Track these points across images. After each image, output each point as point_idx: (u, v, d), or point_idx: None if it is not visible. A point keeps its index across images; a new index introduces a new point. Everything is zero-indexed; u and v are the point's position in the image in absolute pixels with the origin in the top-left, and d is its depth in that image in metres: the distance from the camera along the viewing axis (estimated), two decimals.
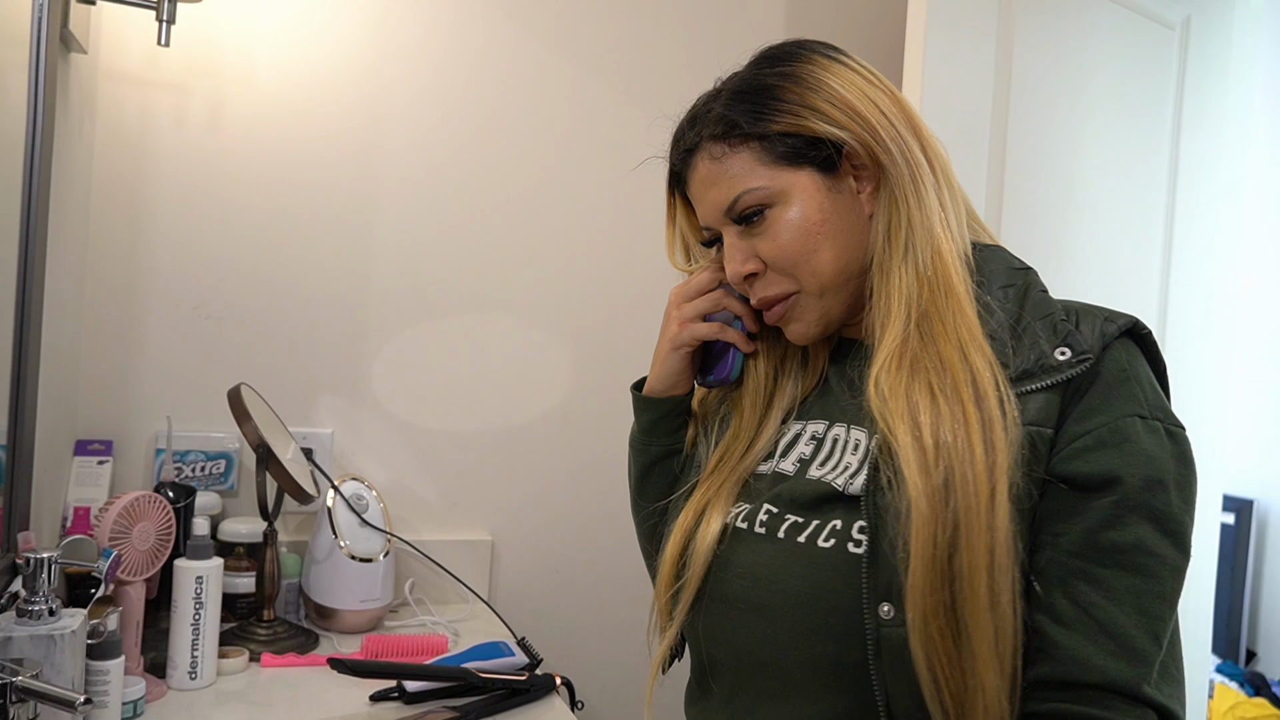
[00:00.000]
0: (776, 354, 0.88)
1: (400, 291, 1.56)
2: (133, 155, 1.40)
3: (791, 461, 0.81)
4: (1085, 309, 0.73)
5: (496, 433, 1.63)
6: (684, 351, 0.91)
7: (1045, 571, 0.67)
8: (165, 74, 1.41)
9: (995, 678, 0.64)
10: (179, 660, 1.13)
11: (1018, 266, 0.77)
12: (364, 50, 1.52)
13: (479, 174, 1.60)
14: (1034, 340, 0.70)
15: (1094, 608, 0.64)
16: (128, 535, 1.09)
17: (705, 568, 0.79)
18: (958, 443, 0.66)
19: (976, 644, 0.64)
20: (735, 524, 0.80)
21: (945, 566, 0.65)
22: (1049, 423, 0.68)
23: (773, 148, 0.77)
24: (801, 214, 0.77)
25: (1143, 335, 0.72)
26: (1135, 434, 0.67)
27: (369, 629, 1.39)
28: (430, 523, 1.59)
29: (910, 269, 0.75)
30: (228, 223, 1.46)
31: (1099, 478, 0.66)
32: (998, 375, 0.69)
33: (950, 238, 0.76)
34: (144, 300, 1.42)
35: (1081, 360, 0.68)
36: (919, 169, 0.76)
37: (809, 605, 0.72)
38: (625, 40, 1.67)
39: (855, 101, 0.77)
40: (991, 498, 0.65)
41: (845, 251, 0.78)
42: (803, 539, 0.75)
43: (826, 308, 0.80)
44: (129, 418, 1.42)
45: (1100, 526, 0.66)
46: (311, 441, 1.50)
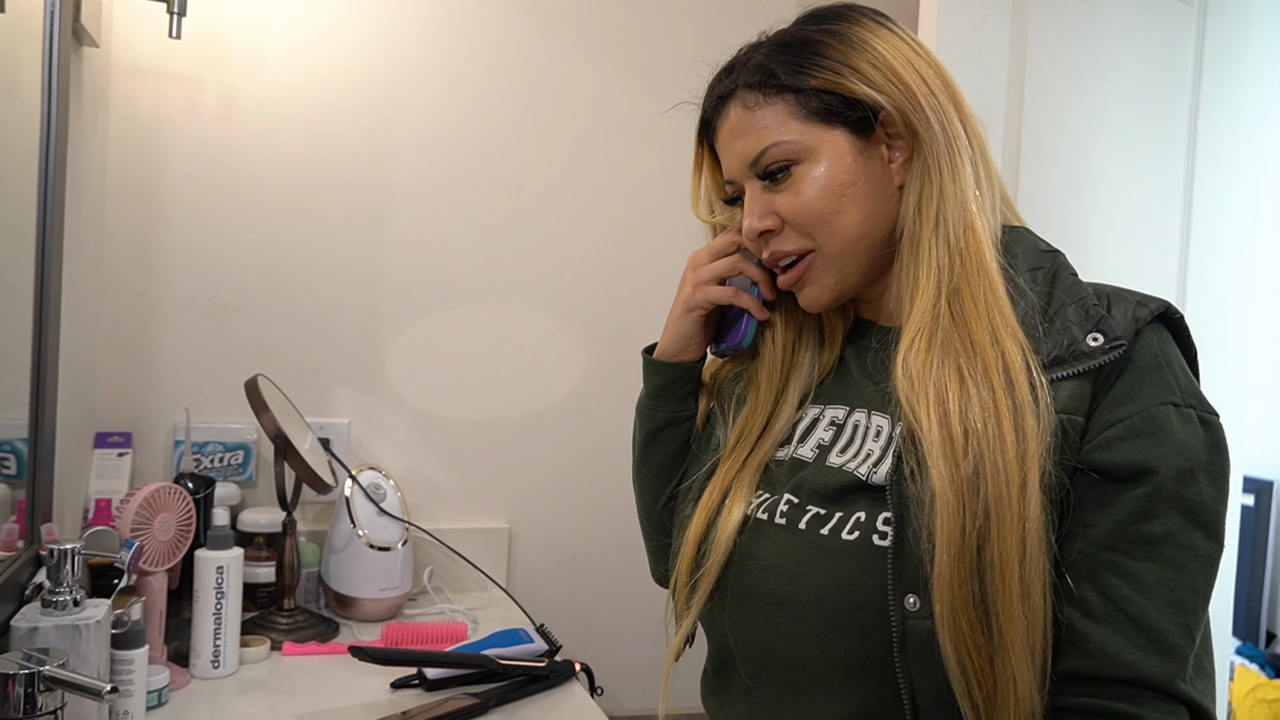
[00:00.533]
0: (794, 328, 0.86)
1: (415, 281, 1.56)
2: (146, 148, 1.41)
3: (810, 447, 0.80)
4: (1117, 293, 0.71)
5: (512, 421, 1.63)
6: (696, 314, 0.89)
7: (1075, 564, 0.66)
8: (177, 66, 1.41)
9: (1027, 670, 0.63)
10: (202, 649, 1.14)
11: (1045, 249, 0.75)
12: (375, 40, 1.52)
13: (492, 162, 1.60)
14: (1065, 325, 0.69)
15: (1125, 601, 0.63)
16: (149, 526, 1.10)
17: (725, 558, 0.78)
18: (988, 430, 0.65)
19: (1009, 637, 0.63)
20: (756, 515, 0.79)
21: (975, 558, 0.64)
22: (1080, 410, 0.67)
23: (807, 102, 0.75)
24: (828, 172, 0.75)
25: (1175, 320, 0.71)
26: (1169, 423, 0.65)
27: (388, 617, 1.40)
28: (447, 511, 1.60)
29: (942, 242, 0.72)
30: (241, 214, 1.46)
31: (1131, 468, 0.65)
32: (1030, 360, 0.67)
33: (984, 216, 0.74)
34: (160, 293, 1.43)
35: (1114, 346, 0.67)
36: (957, 141, 0.74)
37: (834, 600, 0.71)
38: (638, 27, 1.66)
39: (898, 66, 0.74)
40: (1023, 487, 0.64)
41: (869, 218, 0.76)
42: (825, 531, 0.73)
43: (843, 273, 0.78)
44: (147, 410, 1.43)
45: (1132, 518, 0.64)
46: (328, 431, 1.51)
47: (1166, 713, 0.62)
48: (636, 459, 0.97)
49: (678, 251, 1.67)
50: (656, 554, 0.98)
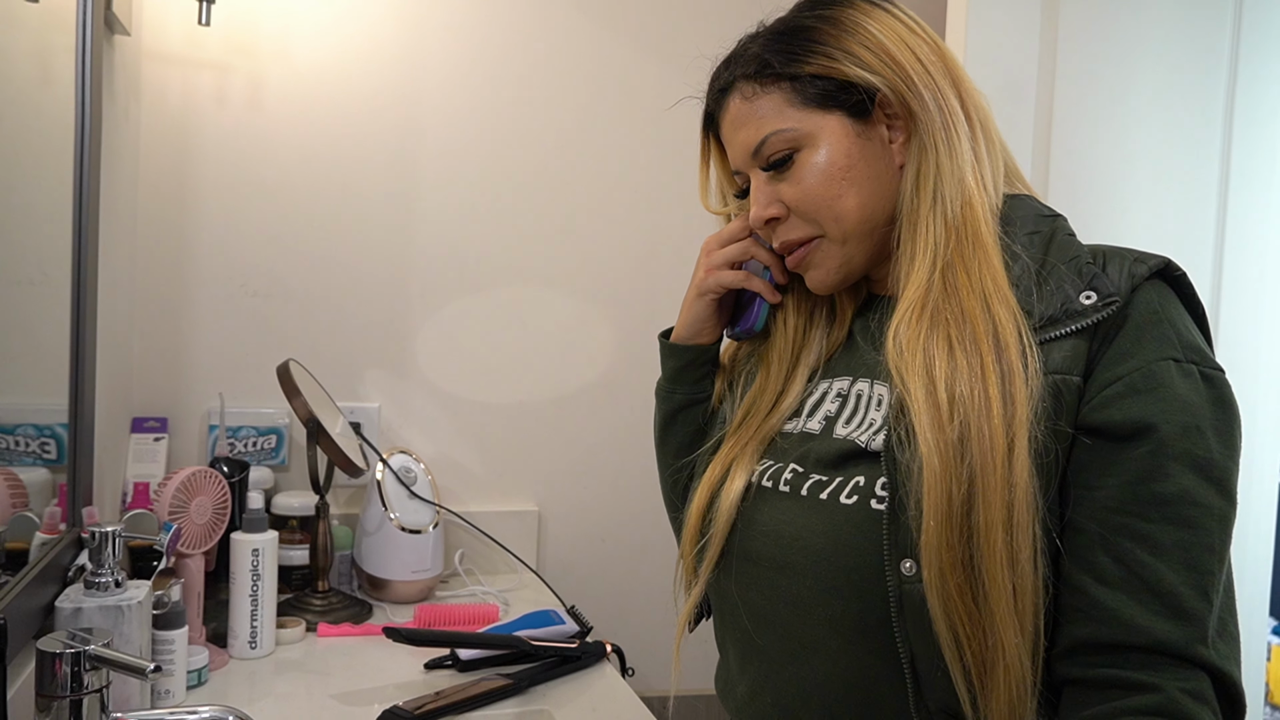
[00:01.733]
0: (805, 309, 0.87)
1: (443, 265, 1.57)
2: (177, 135, 1.42)
3: (818, 420, 0.80)
4: (1114, 251, 0.70)
5: (541, 404, 1.63)
6: (709, 299, 0.90)
7: (1084, 528, 0.64)
8: (206, 53, 1.42)
9: (1014, 635, 0.63)
10: (239, 630, 1.16)
11: (1045, 213, 0.74)
12: (400, 25, 1.52)
13: (518, 146, 1.60)
14: (1059, 284, 0.68)
15: (1139, 565, 0.62)
16: (186, 509, 1.11)
17: (729, 525, 0.79)
18: (975, 396, 0.65)
19: (994, 602, 0.63)
20: (760, 482, 0.79)
21: (962, 522, 0.64)
22: (1076, 369, 0.66)
23: (803, 89, 0.76)
24: (828, 158, 0.76)
25: (1176, 276, 0.69)
26: (1169, 378, 0.64)
27: (420, 599, 1.41)
28: (477, 494, 1.61)
29: (938, 218, 0.73)
30: (271, 200, 1.47)
31: (1132, 425, 0.63)
32: (1021, 326, 0.67)
33: (982, 190, 0.74)
34: (193, 279, 1.45)
35: (1108, 303, 0.66)
36: (953, 117, 0.74)
37: (831, 562, 0.71)
38: (669, 11, 1.65)
39: (891, 47, 0.75)
40: (1009, 452, 0.63)
41: (871, 199, 0.76)
42: (825, 496, 0.74)
43: (849, 256, 0.78)
44: (182, 395, 1.45)
45: (1141, 478, 0.63)
46: (359, 416, 1.52)
47: (1185, 679, 0.60)
48: (657, 441, 0.98)
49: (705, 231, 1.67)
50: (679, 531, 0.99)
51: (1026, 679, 0.64)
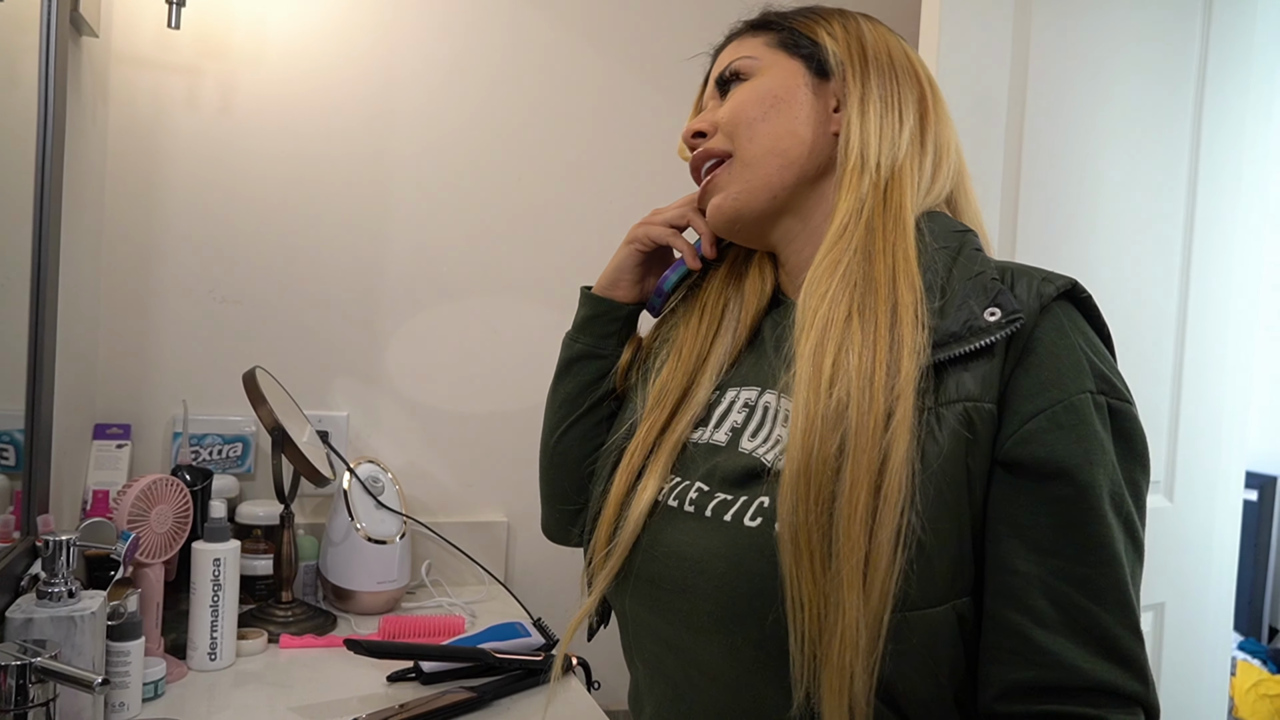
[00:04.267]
0: (724, 297, 0.86)
1: (414, 274, 1.56)
2: (146, 139, 1.41)
3: (724, 431, 0.78)
4: (1022, 270, 0.69)
5: (511, 414, 1.63)
6: (635, 249, 0.91)
7: (1017, 568, 0.63)
8: (177, 56, 1.41)
9: (857, 599, 0.61)
10: (199, 641, 1.14)
11: (956, 229, 0.74)
12: (375, 32, 1.52)
13: (491, 155, 1.59)
14: (963, 300, 0.67)
15: (1079, 611, 0.62)
16: (146, 518, 1.10)
17: (632, 542, 0.77)
18: (861, 365, 0.65)
19: (843, 561, 0.62)
20: (667, 501, 0.77)
21: (828, 481, 0.63)
22: (988, 397, 0.64)
23: (780, 36, 0.82)
24: (767, 83, 0.79)
25: (1082, 299, 0.68)
26: (1088, 414, 0.63)
27: (386, 610, 1.40)
28: (446, 504, 1.59)
29: (866, 176, 0.74)
30: (241, 205, 1.46)
31: (1057, 465, 0.63)
32: (920, 307, 0.67)
33: (914, 184, 0.75)
34: (160, 284, 1.43)
35: (1012, 319, 0.64)
36: (899, 115, 0.77)
37: (733, 587, 0.68)
38: (641, 21, 1.65)
39: (869, 41, 0.80)
40: (886, 418, 0.63)
41: (789, 137, 0.78)
42: (729, 517, 0.71)
43: (749, 185, 0.79)
44: (147, 402, 1.43)
45: (1072, 521, 0.63)
46: (327, 424, 1.51)
47: (1127, 713, 0.62)
48: (550, 390, 0.97)
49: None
50: (546, 495, 0.99)
51: (861, 645, 0.61)
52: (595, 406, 0.92)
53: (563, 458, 0.94)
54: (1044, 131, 1.53)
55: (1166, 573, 1.71)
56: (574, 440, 0.93)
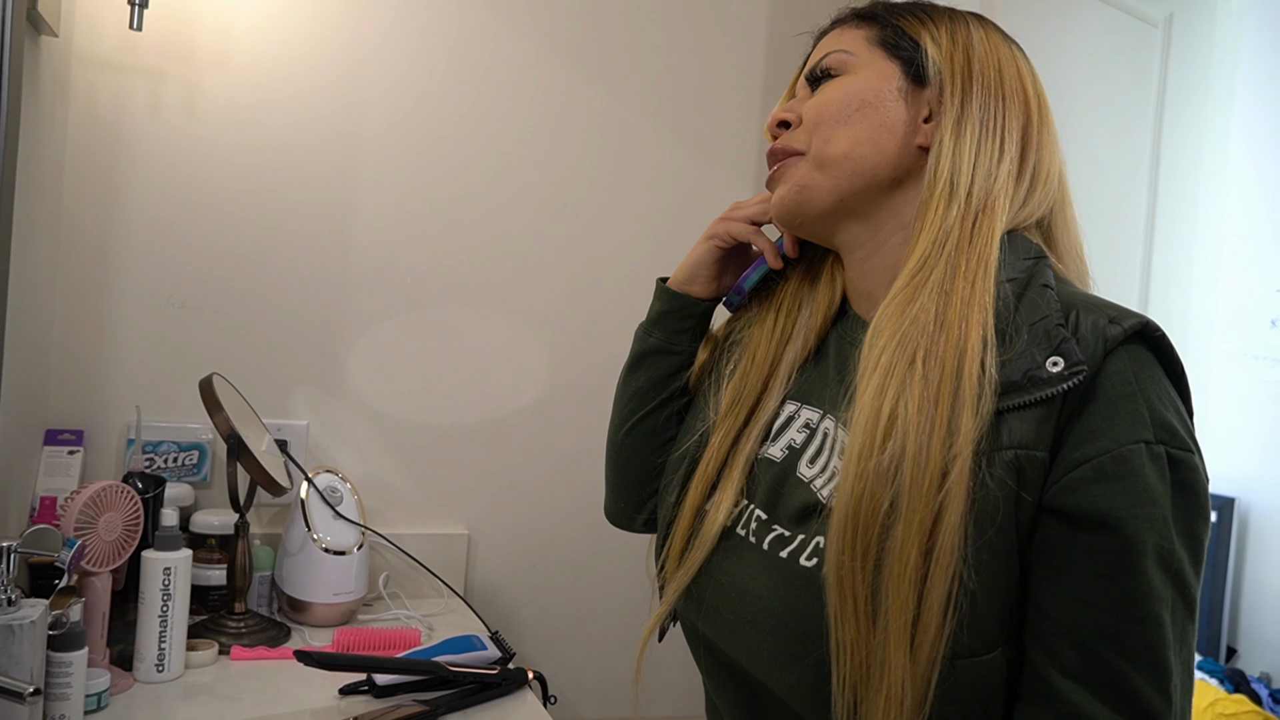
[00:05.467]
0: (799, 297, 0.85)
1: (378, 282, 1.55)
2: (107, 141, 1.39)
3: (781, 448, 0.79)
4: (1089, 305, 0.65)
5: (474, 426, 1.62)
6: (715, 244, 0.89)
7: (1050, 613, 0.62)
8: (140, 59, 1.39)
9: (903, 658, 0.61)
10: (146, 652, 1.12)
11: (1028, 257, 0.70)
12: (341, 37, 1.51)
13: (458, 163, 1.59)
14: (1025, 348, 0.64)
15: (1105, 664, 0.60)
16: (94, 526, 1.07)
17: (702, 561, 0.78)
18: (922, 418, 0.63)
19: (892, 619, 0.61)
20: (735, 528, 0.78)
21: (880, 534, 0.63)
22: (1041, 445, 0.62)
23: (882, 33, 0.77)
24: (858, 86, 0.76)
25: (1154, 338, 0.64)
26: (1140, 465, 0.60)
27: (342, 622, 1.38)
28: (406, 516, 1.58)
29: (954, 205, 0.70)
30: (203, 211, 1.44)
31: (1100, 516, 0.60)
32: (989, 356, 0.64)
33: (1007, 208, 0.71)
34: (118, 289, 1.41)
35: (1075, 371, 0.62)
36: (1001, 135, 0.73)
37: (789, 629, 0.69)
38: (608, 31, 1.66)
39: (977, 51, 0.75)
40: (941, 477, 0.61)
41: (868, 144, 0.74)
42: (785, 555, 0.72)
43: (814, 182, 0.76)
44: (101, 408, 1.40)
45: (1110, 573, 0.60)
46: (286, 433, 1.49)
47: None
48: (620, 380, 0.96)
49: (644, 257, 1.67)
50: (613, 483, 0.98)
51: (907, 705, 0.61)
52: (667, 401, 0.93)
53: (632, 449, 0.94)
54: None
55: None
56: (644, 433, 0.93)
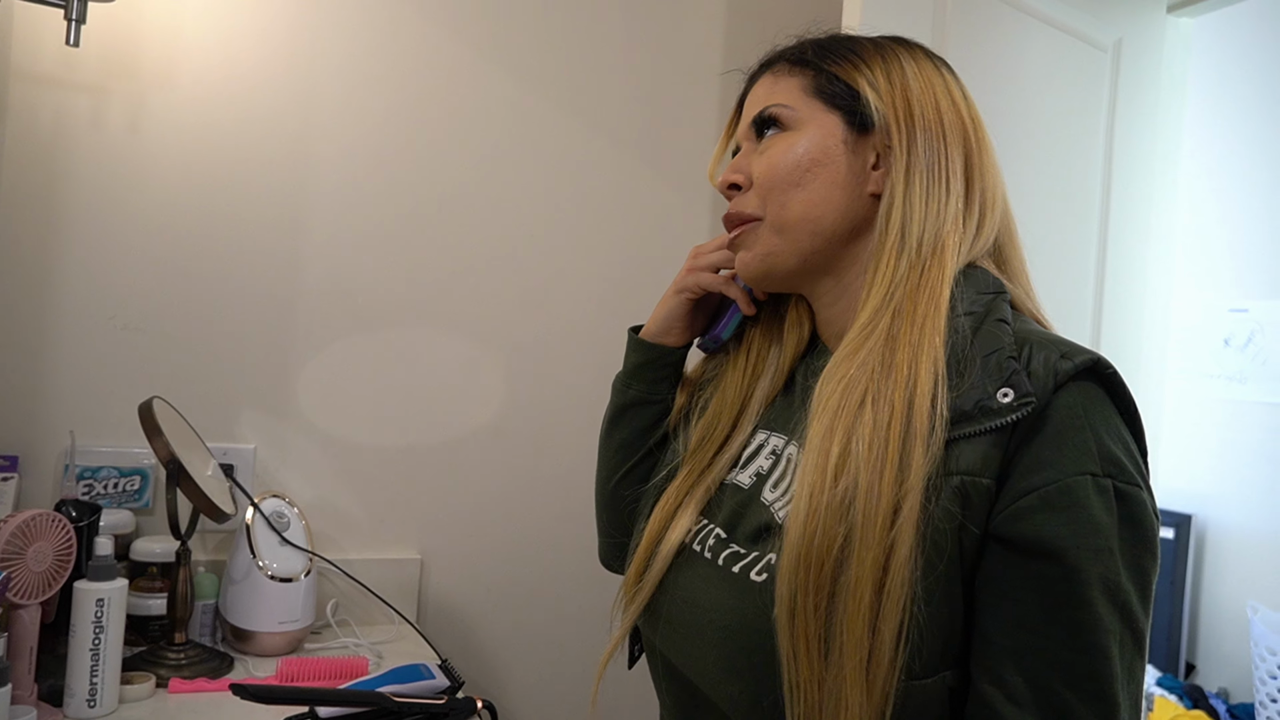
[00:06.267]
0: (769, 336, 0.87)
1: (328, 303, 1.52)
2: (47, 158, 1.35)
3: (749, 474, 0.80)
4: (1043, 341, 0.66)
5: (427, 449, 1.59)
6: (685, 297, 0.90)
7: (995, 640, 0.62)
8: (82, 75, 1.36)
9: (860, 695, 0.61)
10: (77, 688, 1.08)
11: (986, 291, 0.71)
12: (290, 53, 1.49)
13: (410, 182, 1.57)
14: (978, 379, 0.65)
15: (1050, 693, 0.60)
16: (22, 556, 1.04)
17: (659, 578, 0.79)
18: (873, 454, 0.63)
19: (846, 659, 0.61)
20: (692, 545, 0.79)
21: (832, 571, 0.62)
22: (988, 473, 0.63)
23: (819, 82, 0.77)
24: (805, 148, 0.76)
25: (1107, 375, 0.65)
26: (1085, 496, 0.61)
27: (288, 651, 1.34)
28: (357, 541, 1.55)
29: (904, 257, 0.71)
30: (147, 229, 1.41)
31: (1044, 545, 0.61)
32: (939, 393, 0.64)
33: (956, 253, 0.72)
34: (56, 309, 1.37)
35: (1024, 403, 0.62)
36: (946, 175, 0.73)
37: (733, 641, 0.70)
38: (562, 48, 1.65)
39: (914, 89, 0.76)
40: (892, 517, 0.61)
41: (824, 205, 0.75)
42: (738, 569, 0.72)
43: (777, 249, 0.77)
44: (38, 432, 1.36)
45: (1057, 603, 0.61)
46: (232, 457, 1.46)
47: None
48: (603, 433, 0.97)
49: (598, 279, 1.66)
50: (606, 531, 0.99)
51: None
52: (653, 450, 0.94)
53: (622, 500, 0.94)
54: None
55: None
56: (633, 483, 0.94)
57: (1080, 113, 1.72)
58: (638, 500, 0.91)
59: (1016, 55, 1.62)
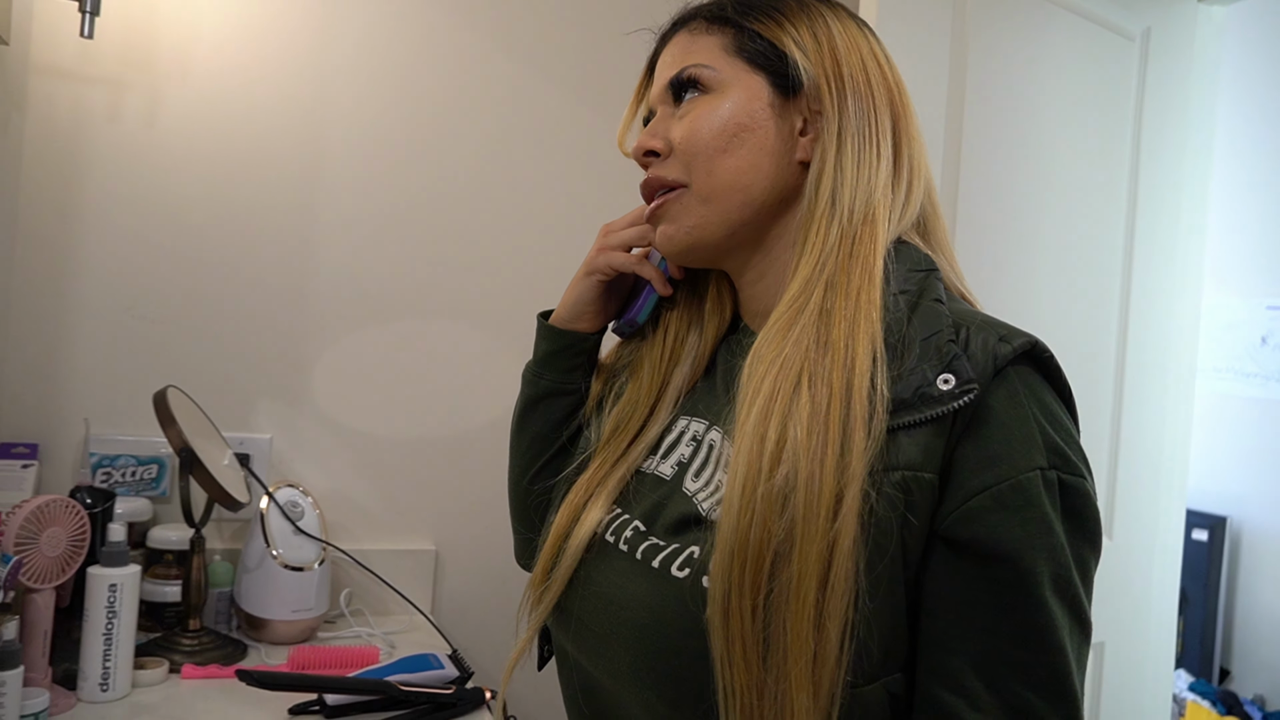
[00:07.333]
0: (687, 317, 0.82)
1: (343, 294, 1.53)
2: (66, 150, 1.37)
3: (670, 464, 0.75)
4: (980, 323, 0.63)
5: (442, 439, 1.59)
6: (597, 279, 0.84)
7: (952, 647, 0.60)
8: (99, 68, 1.38)
9: (807, 699, 0.57)
10: (89, 671, 1.09)
11: (918, 268, 0.68)
12: (306, 49, 1.50)
13: (425, 173, 1.57)
14: (916, 363, 0.62)
15: (1014, 696, 0.58)
16: (36, 541, 1.05)
17: (569, 574, 0.73)
18: (811, 439, 0.59)
19: (792, 662, 0.57)
20: (604, 535, 0.73)
21: (770, 568, 0.58)
22: (929, 467, 0.60)
23: (742, 41, 0.73)
24: (730, 110, 0.71)
25: (1043, 359, 0.63)
26: (1037, 493, 0.59)
27: (301, 640, 1.35)
28: (372, 531, 1.55)
29: (835, 225, 0.67)
30: (164, 221, 1.43)
31: (999, 548, 0.58)
32: (879, 372, 0.61)
33: (887, 220, 0.68)
34: (75, 300, 1.39)
35: (966, 390, 0.59)
36: (877, 137, 0.70)
37: (652, 640, 0.64)
38: (578, 40, 1.65)
39: (841, 47, 0.71)
40: (835, 506, 0.58)
41: (752, 171, 0.71)
42: (657, 563, 0.67)
43: (705, 220, 0.72)
44: (57, 421, 1.38)
45: (1013, 605, 0.59)
46: (249, 447, 1.47)
47: None
48: (514, 427, 0.91)
49: None
50: (522, 532, 0.94)
51: None
52: (569, 444, 0.88)
53: (539, 498, 0.88)
54: (981, 166, 1.54)
55: (1106, 612, 1.70)
56: (549, 479, 0.87)
57: (1107, 105, 1.68)
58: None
59: (1041, 45, 1.59)
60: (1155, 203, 1.74)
